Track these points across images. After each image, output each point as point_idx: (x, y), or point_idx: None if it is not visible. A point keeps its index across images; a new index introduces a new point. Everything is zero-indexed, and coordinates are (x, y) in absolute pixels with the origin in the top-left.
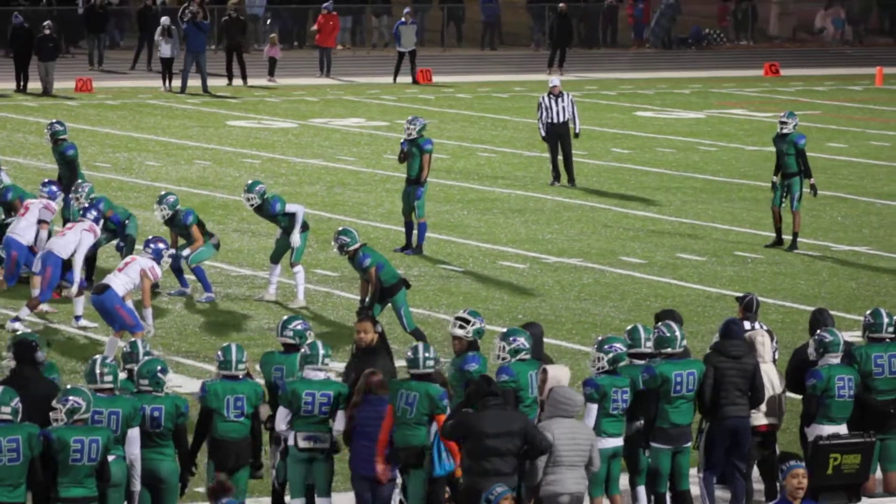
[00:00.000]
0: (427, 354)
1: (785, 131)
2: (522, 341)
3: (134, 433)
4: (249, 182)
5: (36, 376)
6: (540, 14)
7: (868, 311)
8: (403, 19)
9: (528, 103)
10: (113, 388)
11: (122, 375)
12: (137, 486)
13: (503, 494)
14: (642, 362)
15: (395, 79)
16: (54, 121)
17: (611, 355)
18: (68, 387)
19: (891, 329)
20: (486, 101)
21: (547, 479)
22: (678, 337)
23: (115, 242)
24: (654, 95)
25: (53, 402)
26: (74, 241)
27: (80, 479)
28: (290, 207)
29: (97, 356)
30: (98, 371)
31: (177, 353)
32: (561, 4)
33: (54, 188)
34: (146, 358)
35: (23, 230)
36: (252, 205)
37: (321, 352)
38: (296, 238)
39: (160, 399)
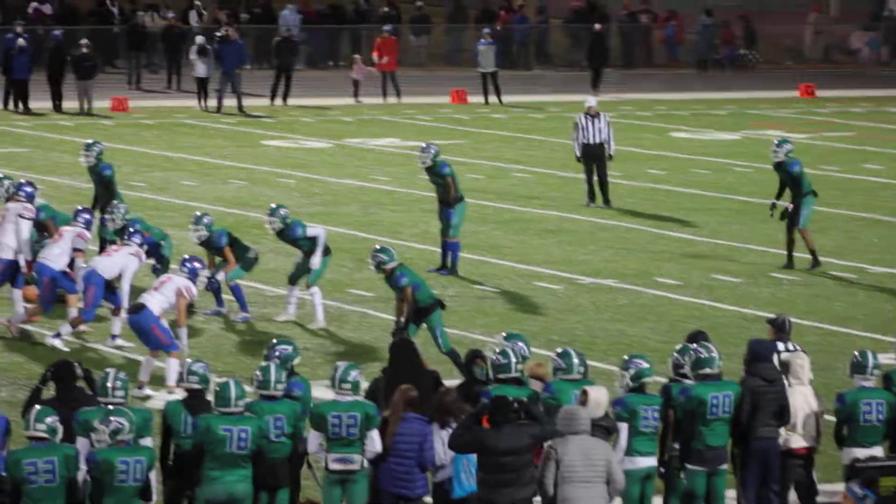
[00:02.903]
0: (516, 360)
1: (776, 160)
2: (570, 360)
3: (146, 444)
4: (272, 206)
5: (87, 396)
6: (574, 34)
7: None
8: (483, 39)
9: (564, 124)
10: (124, 402)
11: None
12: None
13: None
14: (687, 382)
15: (485, 100)
16: (94, 141)
17: (632, 371)
18: (110, 407)
19: None
20: (521, 122)
21: (559, 497)
22: (715, 358)
23: (150, 262)
24: (690, 116)
25: (94, 423)
26: (120, 263)
27: (125, 500)
28: (311, 231)
29: (109, 370)
30: (110, 385)
31: (212, 373)
32: (597, 25)
33: (88, 217)
34: (225, 381)
35: (55, 257)
36: (274, 229)
37: (340, 374)
38: (315, 261)
39: (246, 420)
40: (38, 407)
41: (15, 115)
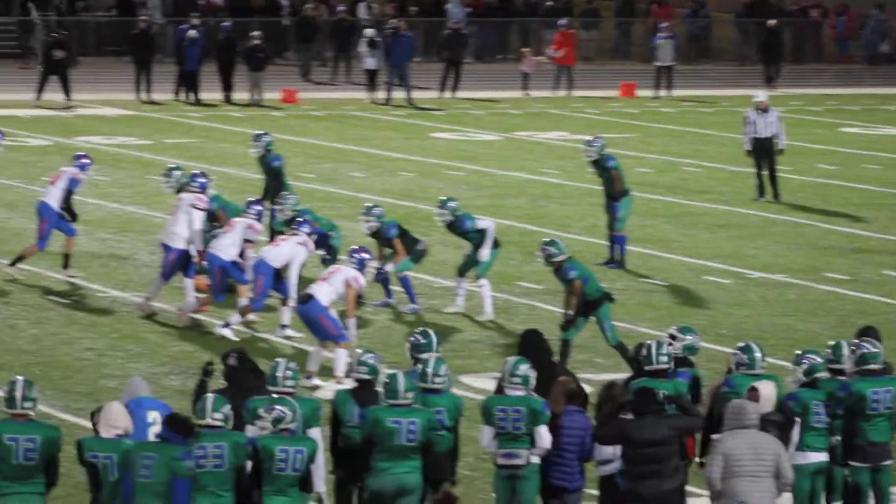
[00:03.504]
0: (663, 351)
1: None
2: (752, 355)
3: (314, 433)
4: (442, 198)
5: (257, 385)
6: (745, 29)
7: None
8: (661, 33)
9: (733, 118)
10: (293, 392)
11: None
12: (321, 486)
13: None
14: (843, 378)
15: (655, 94)
16: (263, 132)
17: (804, 366)
18: (274, 396)
19: None
20: (690, 116)
21: (726, 491)
22: (879, 353)
23: (319, 253)
24: (860, 111)
25: (259, 411)
26: (288, 252)
27: (283, 489)
28: (481, 223)
29: (279, 359)
30: (280, 374)
31: (382, 364)
32: (771, 21)
33: (260, 208)
34: (394, 372)
35: (225, 247)
36: (443, 221)
37: (509, 368)
38: (485, 253)
39: (415, 412)
40: (212, 395)
41: (186, 105)
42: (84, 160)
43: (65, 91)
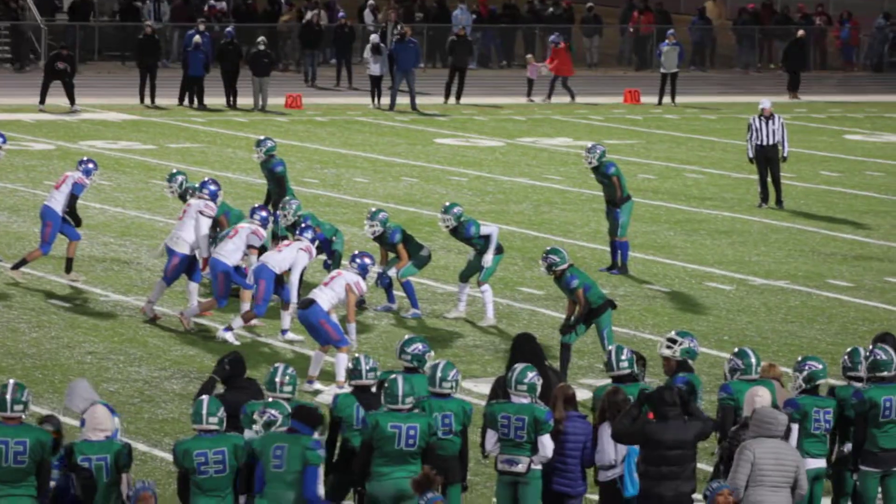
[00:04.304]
0: (623, 356)
1: None
2: (748, 360)
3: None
4: (446, 204)
5: (256, 390)
6: (748, 35)
7: None
8: (667, 41)
9: (737, 125)
10: (291, 398)
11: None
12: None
13: (719, 489)
14: (859, 385)
15: (659, 100)
16: (265, 137)
17: (805, 373)
18: (269, 399)
19: None
20: (693, 122)
21: (748, 500)
22: (892, 361)
23: (321, 258)
24: (864, 119)
25: (254, 415)
26: (290, 258)
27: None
28: (485, 229)
29: (279, 365)
30: (278, 380)
31: (382, 370)
32: (800, 31)
33: (264, 214)
34: (393, 377)
35: (229, 252)
36: (447, 227)
37: (516, 375)
38: (488, 258)
39: (414, 417)
40: (206, 399)
41: (190, 110)
42: (89, 165)
43: (69, 97)
